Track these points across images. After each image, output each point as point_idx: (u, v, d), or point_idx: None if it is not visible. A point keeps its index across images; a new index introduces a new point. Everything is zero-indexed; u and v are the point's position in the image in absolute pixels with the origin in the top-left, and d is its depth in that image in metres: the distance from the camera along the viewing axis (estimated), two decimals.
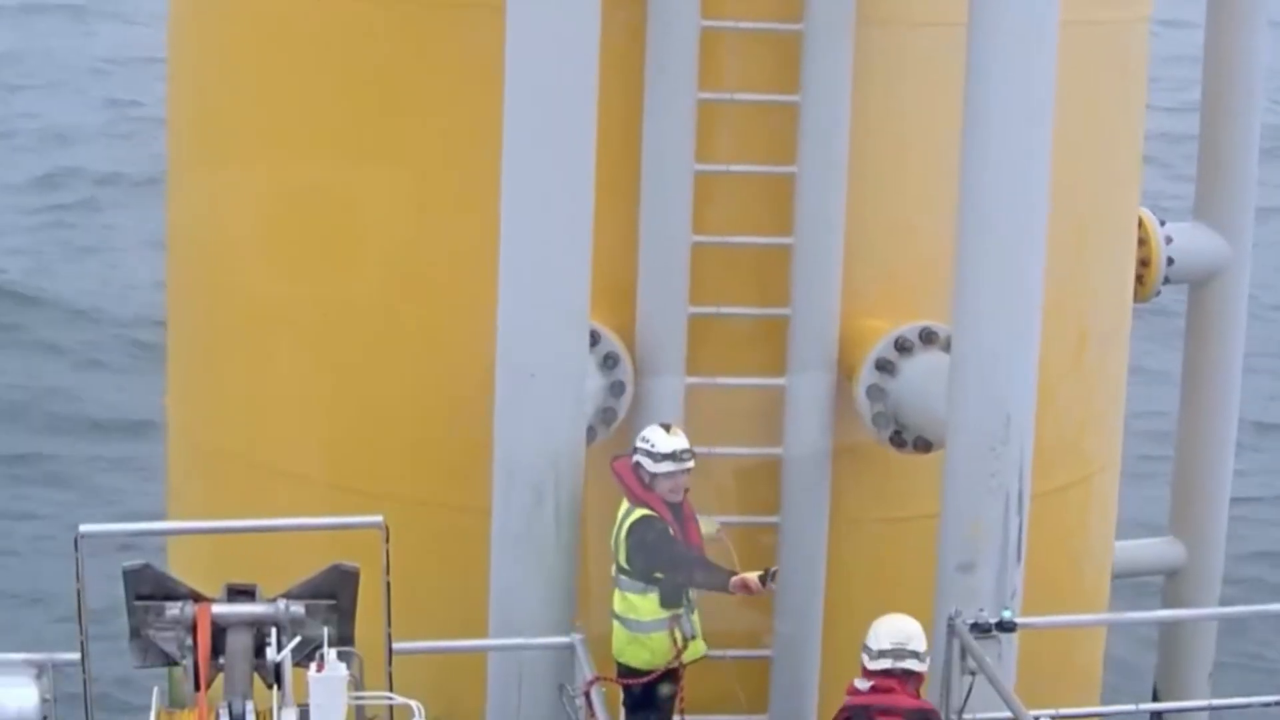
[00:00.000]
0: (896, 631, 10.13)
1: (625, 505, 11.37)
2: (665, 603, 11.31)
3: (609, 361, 11.98)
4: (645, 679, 11.35)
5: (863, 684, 10.10)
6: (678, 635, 11.34)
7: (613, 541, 11.39)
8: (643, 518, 11.28)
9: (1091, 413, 13.72)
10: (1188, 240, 15.11)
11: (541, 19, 11.10)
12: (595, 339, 11.87)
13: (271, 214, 13.18)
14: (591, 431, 11.84)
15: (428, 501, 12.45)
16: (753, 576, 10.90)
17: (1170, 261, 14.96)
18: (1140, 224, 14.91)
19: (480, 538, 11.70)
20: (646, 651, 11.36)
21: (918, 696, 10.16)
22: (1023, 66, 11.25)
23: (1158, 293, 15.09)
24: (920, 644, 10.11)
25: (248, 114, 13.30)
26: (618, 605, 11.44)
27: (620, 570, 11.38)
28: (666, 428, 11.36)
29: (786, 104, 12.05)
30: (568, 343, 11.39)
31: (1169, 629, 15.84)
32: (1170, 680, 15.85)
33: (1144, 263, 14.89)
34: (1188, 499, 15.72)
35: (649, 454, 11.27)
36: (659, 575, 11.23)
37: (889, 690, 9.99)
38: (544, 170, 11.22)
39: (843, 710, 10.15)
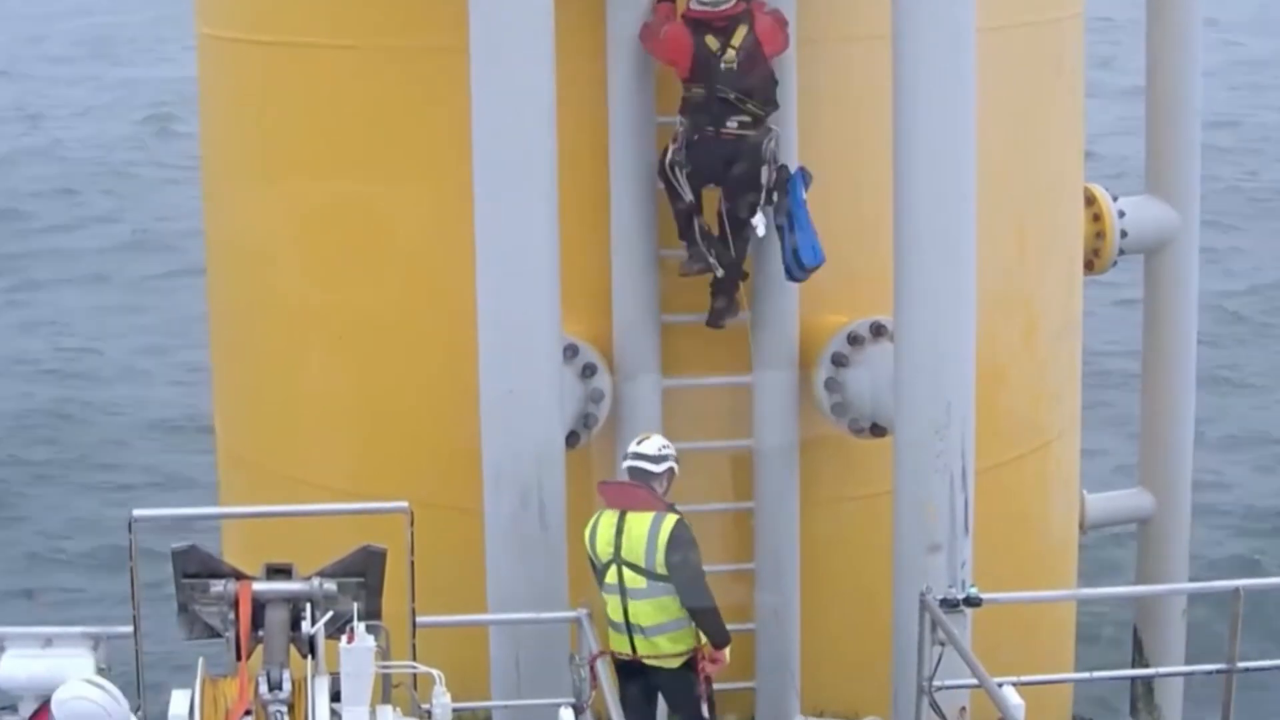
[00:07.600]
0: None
1: (650, 516, 11.33)
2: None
3: (587, 371, 12.69)
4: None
5: None
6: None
7: (643, 553, 11.32)
8: (681, 522, 11.36)
9: (1045, 388, 14.42)
10: (1140, 213, 15.77)
11: (501, 70, 11.59)
12: (574, 351, 12.60)
13: (303, 229, 13.94)
14: (574, 436, 12.61)
15: (433, 504, 12.74)
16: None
17: (1124, 234, 15.62)
18: (1095, 200, 15.59)
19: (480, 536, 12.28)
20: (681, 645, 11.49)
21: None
22: (943, 73, 11.70)
23: (1114, 263, 15.77)
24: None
25: (281, 139, 14.01)
26: (653, 618, 11.35)
27: (655, 578, 11.32)
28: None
29: None
30: (541, 362, 12.00)
31: (1144, 575, 16.58)
32: (1149, 623, 16.61)
33: (1099, 235, 15.56)
34: (1154, 453, 16.43)
35: (678, 460, 11.60)
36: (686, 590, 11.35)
37: None
38: (512, 212, 11.77)
39: None
